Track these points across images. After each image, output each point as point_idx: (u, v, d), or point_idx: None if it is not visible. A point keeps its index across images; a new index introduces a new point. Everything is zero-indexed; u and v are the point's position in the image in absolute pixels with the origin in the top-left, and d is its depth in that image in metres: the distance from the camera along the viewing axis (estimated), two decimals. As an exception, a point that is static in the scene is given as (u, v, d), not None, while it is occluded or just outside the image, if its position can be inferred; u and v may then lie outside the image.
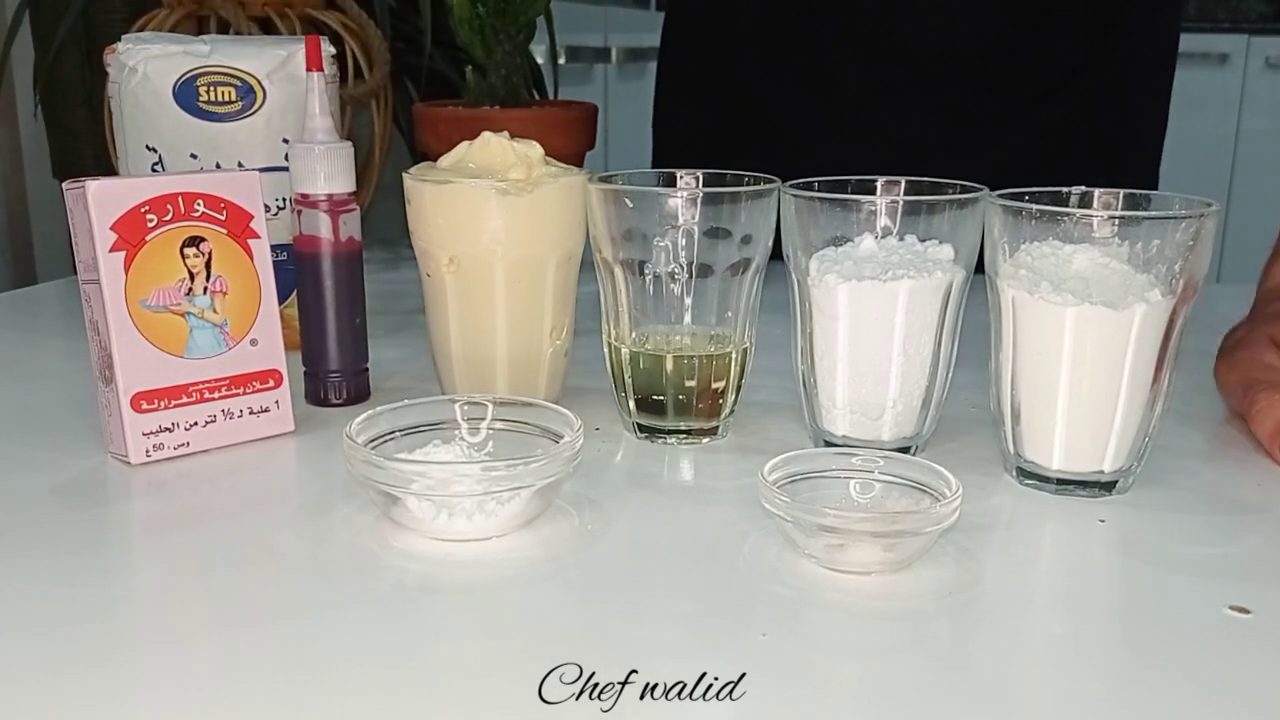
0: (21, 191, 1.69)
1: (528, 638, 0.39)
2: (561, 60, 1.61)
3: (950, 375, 0.56)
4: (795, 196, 0.54)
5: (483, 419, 0.52)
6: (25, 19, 1.34)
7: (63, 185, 0.53)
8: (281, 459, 0.56)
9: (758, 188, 0.55)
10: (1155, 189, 0.55)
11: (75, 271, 0.55)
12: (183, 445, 0.55)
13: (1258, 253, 0.68)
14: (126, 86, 0.69)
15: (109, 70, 0.70)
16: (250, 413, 0.57)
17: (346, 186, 0.60)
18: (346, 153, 0.60)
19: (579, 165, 0.67)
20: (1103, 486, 0.51)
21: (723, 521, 0.49)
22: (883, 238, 0.53)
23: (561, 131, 0.77)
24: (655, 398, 0.57)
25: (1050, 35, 0.94)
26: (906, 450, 0.55)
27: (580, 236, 0.60)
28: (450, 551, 0.46)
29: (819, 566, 0.44)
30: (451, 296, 0.60)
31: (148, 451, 0.54)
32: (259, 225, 0.57)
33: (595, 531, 0.48)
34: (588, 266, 0.60)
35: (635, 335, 0.58)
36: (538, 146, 0.59)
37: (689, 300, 0.57)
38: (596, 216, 0.57)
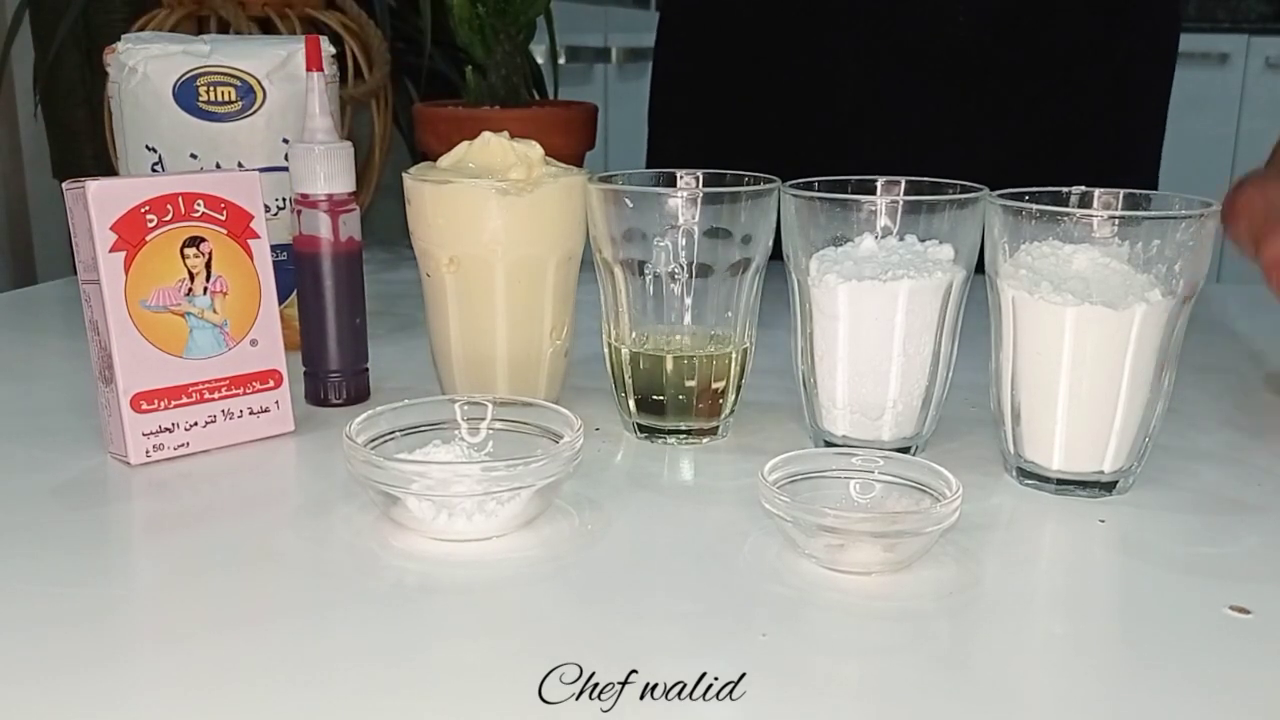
0: (21, 191, 1.69)
1: (528, 638, 0.39)
2: (561, 60, 1.61)
3: (950, 375, 0.56)
4: (795, 196, 0.54)
5: (483, 419, 0.52)
6: (25, 19, 1.34)
7: (63, 185, 0.53)
8: (281, 459, 0.56)
9: (758, 188, 0.55)
10: (1155, 189, 0.55)
11: (75, 271, 0.55)
12: (183, 445, 0.55)
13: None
14: (126, 86, 0.69)
15: (109, 70, 0.70)
16: (250, 413, 0.57)
17: (346, 186, 0.61)
18: (346, 153, 0.60)
19: (579, 165, 0.67)
20: (1103, 486, 0.51)
21: (723, 521, 0.49)
22: (883, 238, 0.53)
23: (561, 131, 0.77)
24: (655, 398, 0.57)
25: (1050, 35, 0.94)
26: (906, 450, 0.55)
27: (580, 236, 0.60)
28: (450, 551, 0.46)
29: (819, 566, 0.44)
30: (451, 296, 0.60)
31: (148, 452, 0.54)
32: (259, 225, 0.57)
33: (595, 531, 0.48)
34: (588, 266, 0.60)
35: (635, 335, 0.58)
36: (538, 146, 0.59)
37: (689, 300, 0.56)
38: (596, 216, 0.57)
